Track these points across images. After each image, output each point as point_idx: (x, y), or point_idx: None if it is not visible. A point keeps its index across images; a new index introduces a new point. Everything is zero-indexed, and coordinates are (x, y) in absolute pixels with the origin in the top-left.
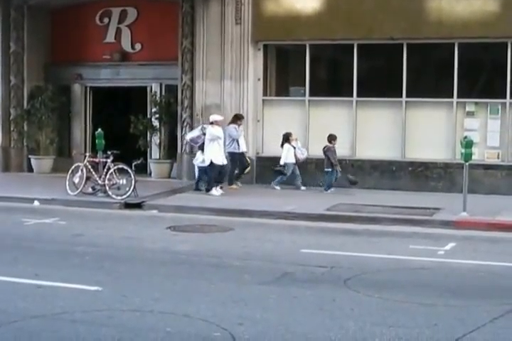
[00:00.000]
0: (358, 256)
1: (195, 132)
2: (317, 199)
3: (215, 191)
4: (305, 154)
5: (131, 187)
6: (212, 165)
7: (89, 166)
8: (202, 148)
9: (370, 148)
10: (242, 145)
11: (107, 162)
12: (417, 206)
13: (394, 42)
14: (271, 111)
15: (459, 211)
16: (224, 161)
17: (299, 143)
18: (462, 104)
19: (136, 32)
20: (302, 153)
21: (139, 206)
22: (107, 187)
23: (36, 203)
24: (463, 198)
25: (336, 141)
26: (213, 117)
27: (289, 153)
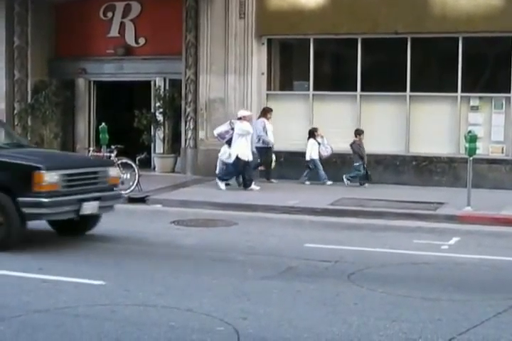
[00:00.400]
0: (361, 250)
1: (224, 127)
2: (321, 193)
3: (254, 186)
4: (329, 151)
5: (135, 182)
6: (237, 159)
7: None
8: (229, 143)
9: (374, 143)
10: (270, 140)
11: (110, 156)
12: (421, 200)
13: (398, 36)
14: (275, 105)
15: (463, 205)
16: (250, 157)
17: (325, 139)
18: (466, 99)
19: (140, 26)
20: (326, 150)
21: (142, 200)
22: None
23: None
24: (467, 193)
25: (363, 135)
26: (241, 113)
27: (313, 148)
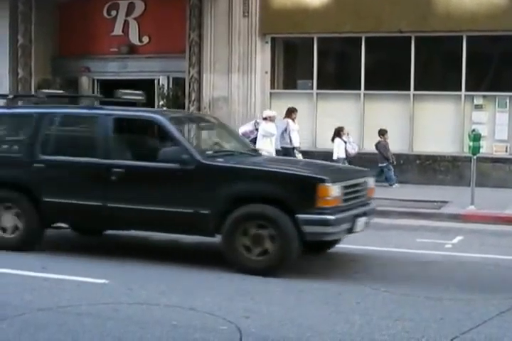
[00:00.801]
0: (365, 249)
1: (248, 126)
2: None
3: None
4: (356, 149)
5: None
6: None
7: None
8: (253, 142)
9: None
10: (295, 140)
11: None
12: (424, 199)
13: (402, 35)
14: (278, 104)
15: (467, 204)
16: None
17: (350, 137)
18: (470, 97)
19: (143, 25)
20: (353, 148)
21: None
22: None
23: None
24: (471, 191)
25: (387, 135)
26: (266, 113)
27: (340, 147)
